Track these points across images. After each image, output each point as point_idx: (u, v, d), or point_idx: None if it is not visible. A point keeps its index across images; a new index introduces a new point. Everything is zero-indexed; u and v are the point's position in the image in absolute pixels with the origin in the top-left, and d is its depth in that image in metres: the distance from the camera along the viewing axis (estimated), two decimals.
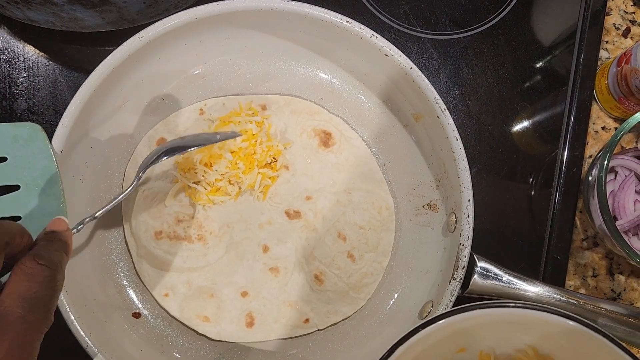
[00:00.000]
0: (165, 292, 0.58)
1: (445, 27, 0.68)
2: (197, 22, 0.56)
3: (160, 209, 0.58)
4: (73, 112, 0.52)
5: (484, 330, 0.48)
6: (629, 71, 0.61)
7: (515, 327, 0.47)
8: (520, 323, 0.47)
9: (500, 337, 0.49)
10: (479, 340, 0.49)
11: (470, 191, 0.54)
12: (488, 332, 0.48)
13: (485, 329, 0.48)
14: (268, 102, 0.62)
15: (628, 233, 0.62)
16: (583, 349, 0.46)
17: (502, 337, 0.49)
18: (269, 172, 0.59)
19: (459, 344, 0.49)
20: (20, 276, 0.36)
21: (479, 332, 0.48)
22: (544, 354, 0.49)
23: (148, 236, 0.57)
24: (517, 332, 0.48)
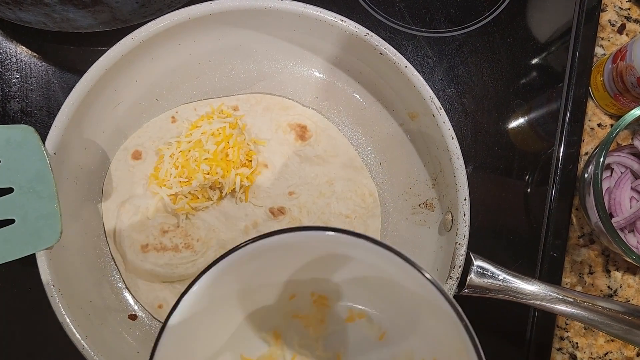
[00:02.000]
0: (159, 304, 0.57)
1: (441, 24, 0.68)
2: (190, 21, 0.55)
3: (144, 222, 0.58)
4: (66, 114, 0.52)
5: (305, 268, 0.47)
6: (624, 68, 0.61)
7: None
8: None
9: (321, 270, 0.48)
10: (303, 282, 0.48)
11: (467, 190, 0.54)
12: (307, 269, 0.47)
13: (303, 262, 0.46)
14: (239, 102, 0.62)
15: (624, 230, 0.62)
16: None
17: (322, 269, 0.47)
18: (246, 172, 0.59)
19: (290, 290, 0.49)
20: None
21: (300, 271, 0.47)
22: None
23: (134, 250, 0.57)
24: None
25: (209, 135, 0.58)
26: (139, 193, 0.59)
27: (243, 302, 0.47)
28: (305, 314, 0.50)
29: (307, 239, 0.42)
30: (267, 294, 0.48)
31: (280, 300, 0.49)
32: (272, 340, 0.50)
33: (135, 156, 0.60)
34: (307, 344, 0.51)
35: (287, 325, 0.50)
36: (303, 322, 0.50)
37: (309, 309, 0.50)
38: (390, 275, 0.44)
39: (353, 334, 0.50)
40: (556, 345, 0.64)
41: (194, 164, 0.57)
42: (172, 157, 0.58)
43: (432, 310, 0.43)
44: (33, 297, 0.57)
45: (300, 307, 0.50)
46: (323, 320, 0.50)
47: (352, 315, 0.50)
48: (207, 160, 0.57)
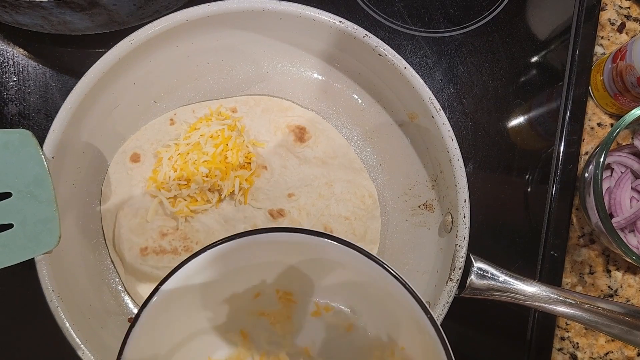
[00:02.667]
0: None
1: (440, 24, 0.67)
2: (188, 23, 0.55)
3: (143, 225, 0.57)
4: (64, 117, 0.52)
5: (266, 267, 0.48)
6: (624, 67, 0.61)
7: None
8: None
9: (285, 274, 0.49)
10: (268, 280, 0.49)
11: (466, 191, 0.54)
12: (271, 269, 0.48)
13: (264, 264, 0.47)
14: (238, 104, 0.61)
15: (624, 230, 0.62)
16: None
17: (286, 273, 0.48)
18: (245, 174, 0.58)
19: (254, 289, 0.49)
20: None
21: (262, 271, 0.48)
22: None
23: (133, 254, 0.57)
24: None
25: (207, 137, 0.58)
26: (137, 196, 0.58)
27: (208, 301, 0.47)
28: (271, 311, 0.50)
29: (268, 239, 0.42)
30: (232, 293, 0.48)
31: (244, 299, 0.49)
32: (240, 340, 0.50)
33: (133, 159, 0.59)
34: (275, 341, 0.51)
35: (253, 324, 0.50)
36: (269, 319, 0.50)
37: (275, 306, 0.50)
38: (354, 270, 0.45)
39: (320, 327, 0.50)
40: (557, 346, 0.64)
41: (193, 166, 0.57)
42: (170, 159, 0.58)
43: (396, 300, 0.43)
44: (32, 301, 0.57)
45: (266, 304, 0.50)
46: (289, 316, 0.50)
47: (319, 309, 0.50)
48: (205, 162, 0.57)
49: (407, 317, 0.42)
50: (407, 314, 0.42)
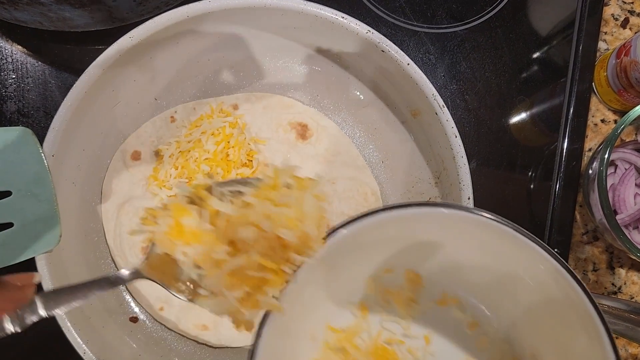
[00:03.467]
0: (160, 306, 0.57)
1: (442, 20, 0.67)
2: (188, 20, 0.54)
3: None
4: (64, 115, 0.51)
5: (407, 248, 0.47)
6: (628, 63, 0.60)
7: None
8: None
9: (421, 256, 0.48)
10: (404, 258, 0.48)
11: (470, 189, 0.54)
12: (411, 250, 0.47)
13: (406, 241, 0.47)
14: (239, 101, 0.61)
15: (628, 227, 0.61)
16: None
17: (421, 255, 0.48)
18: (247, 172, 0.58)
19: (386, 264, 0.49)
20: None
21: (403, 251, 0.47)
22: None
23: (134, 252, 0.56)
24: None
25: (208, 134, 0.58)
26: (138, 194, 0.58)
27: (338, 271, 0.46)
28: (396, 290, 0.50)
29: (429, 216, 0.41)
30: (364, 264, 0.48)
31: (374, 273, 0.48)
32: (359, 312, 0.50)
33: (134, 157, 0.59)
34: (394, 320, 0.50)
35: (375, 299, 0.50)
36: (393, 298, 0.50)
37: (401, 285, 0.50)
38: (510, 265, 0.44)
39: (444, 318, 0.50)
40: None
41: (194, 164, 0.57)
42: (171, 157, 0.57)
43: (558, 311, 0.42)
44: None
45: (393, 282, 0.49)
46: (414, 299, 0.50)
47: (446, 300, 0.50)
48: (207, 160, 0.57)
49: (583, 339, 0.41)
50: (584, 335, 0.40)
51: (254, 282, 0.37)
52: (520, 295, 0.46)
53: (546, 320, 0.45)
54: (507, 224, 0.41)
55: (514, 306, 0.47)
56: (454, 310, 0.50)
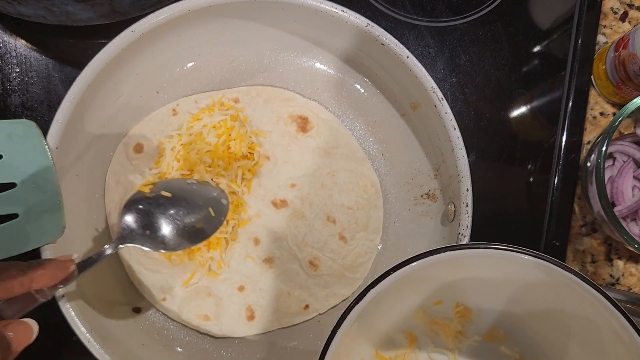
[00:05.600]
0: (163, 297, 0.57)
1: (442, 14, 0.67)
2: (190, 14, 0.55)
3: None
4: (67, 108, 0.52)
5: (460, 282, 0.48)
6: (626, 56, 0.61)
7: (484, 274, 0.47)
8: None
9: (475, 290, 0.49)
10: (454, 292, 0.49)
11: (469, 180, 0.54)
12: (464, 285, 0.48)
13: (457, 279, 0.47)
14: (240, 94, 0.62)
15: (626, 219, 0.62)
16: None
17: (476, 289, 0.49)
18: (248, 164, 0.59)
19: (437, 296, 0.49)
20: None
21: (456, 283, 0.48)
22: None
23: None
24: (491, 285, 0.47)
25: (210, 127, 0.58)
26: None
27: (392, 300, 0.47)
28: (445, 321, 0.51)
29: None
30: (415, 295, 0.49)
31: (424, 303, 0.49)
32: (407, 341, 0.51)
33: (137, 149, 0.59)
34: (441, 352, 0.51)
35: (423, 329, 0.51)
36: (441, 329, 0.51)
37: (450, 317, 0.51)
38: (552, 296, 0.44)
39: (490, 353, 0.51)
40: None
41: (196, 156, 0.57)
42: (173, 149, 0.58)
43: (599, 341, 0.42)
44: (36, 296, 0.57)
45: (442, 313, 0.50)
46: (462, 332, 0.51)
47: (493, 334, 0.51)
48: (208, 152, 0.57)
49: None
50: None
51: None
52: (564, 327, 0.47)
53: (590, 353, 0.45)
54: (551, 261, 0.41)
55: (559, 340, 0.48)
56: (501, 346, 0.51)
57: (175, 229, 0.52)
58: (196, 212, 0.54)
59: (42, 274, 0.42)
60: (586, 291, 0.40)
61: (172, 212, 0.52)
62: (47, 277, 0.43)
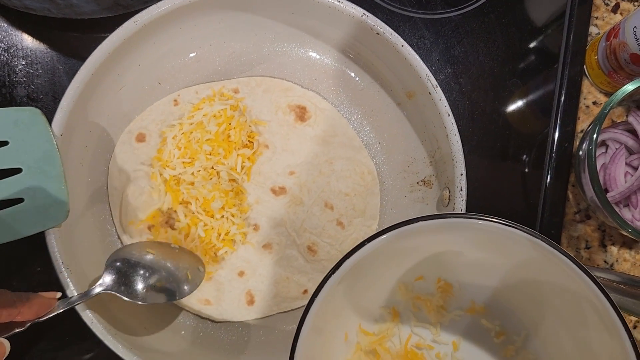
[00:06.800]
0: None
1: (437, 6, 0.69)
2: (191, 5, 0.57)
3: (149, 203, 0.59)
4: (71, 96, 0.53)
5: (437, 256, 0.49)
6: (617, 45, 0.62)
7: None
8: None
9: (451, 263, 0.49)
10: (433, 267, 0.50)
11: (463, 165, 0.55)
12: (440, 258, 0.49)
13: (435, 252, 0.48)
14: (240, 85, 0.63)
15: (619, 204, 0.63)
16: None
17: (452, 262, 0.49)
18: (247, 152, 0.60)
19: (417, 271, 0.50)
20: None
21: (438, 257, 0.49)
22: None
23: (140, 230, 0.59)
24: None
25: (210, 116, 0.60)
26: (143, 174, 0.60)
27: (372, 275, 0.48)
28: (427, 297, 0.52)
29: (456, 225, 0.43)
30: (396, 270, 0.50)
31: (405, 280, 0.51)
32: (390, 317, 0.52)
33: (139, 139, 0.61)
34: (424, 327, 0.53)
35: (406, 304, 0.52)
36: (424, 304, 0.52)
37: (432, 293, 0.52)
38: (533, 269, 0.45)
39: (472, 326, 0.52)
40: None
41: (197, 145, 0.59)
42: (174, 138, 0.59)
43: (576, 313, 0.43)
44: (42, 278, 0.59)
45: (424, 289, 0.52)
46: (444, 306, 0.52)
47: (474, 308, 0.52)
48: (209, 141, 0.59)
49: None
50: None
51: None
52: (544, 300, 0.48)
53: (569, 325, 0.47)
54: (523, 230, 0.41)
55: (538, 312, 0.49)
56: (482, 319, 0.52)
57: (148, 287, 0.54)
58: (172, 273, 0.55)
59: (29, 308, 0.45)
60: (566, 265, 0.41)
61: (147, 272, 0.54)
62: (32, 312, 0.45)
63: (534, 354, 0.50)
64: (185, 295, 0.55)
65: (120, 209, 0.60)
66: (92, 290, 0.51)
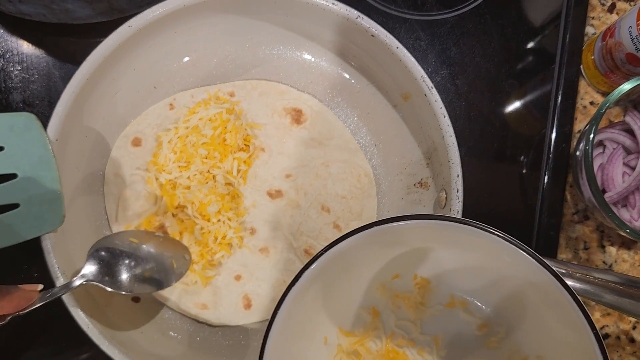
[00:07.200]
0: None
1: (432, 7, 0.69)
2: (185, 9, 0.57)
3: (145, 207, 0.59)
4: (66, 101, 0.53)
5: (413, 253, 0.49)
6: (613, 45, 0.62)
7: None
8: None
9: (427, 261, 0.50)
10: (408, 264, 0.50)
11: (459, 167, 0.55)
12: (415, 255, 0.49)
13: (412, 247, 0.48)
14: (235, 88, 0.63)
15: (617, 205, 0.63)
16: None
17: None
18: (243, 156, 0.60)
19: (394, 270, 0.50)
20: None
21: (413, 256, 0.49)
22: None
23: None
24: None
25: (206, 120, 0.60)
26: (139, 179, 0.60)
27: (348, 275, 0.48)
28: (405, 294, 0.52)
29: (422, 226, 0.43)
30: (371, 269, 0.50)
31: (382, 278, 0.50)
32: (370, 317, 0.52)
33: (135, 143, 0.61)
34: (404, 325, 0.52)
35: (385, 303, 0.52)
36: (403, 302, 0.52)
37: (410, 290, 0.52)
38: (502, 265, 0.45)
39: (453, 320, 0.52)
40: None
41: (192, 148, 0.59)
42: (170, 142, 0.59)
43: (550, 307, 0.43)
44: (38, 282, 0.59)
45: (402, 287, 0.51)
46: (423, 302, 0.52)
47: (453, 302, 0.52)
48: (204, 144, 0.59)
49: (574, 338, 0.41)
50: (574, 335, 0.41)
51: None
52: (522, 296, 0.47)
53: (543, 318, 0.46)
54: (485, 230, 0.41)
55: (519, 306, 0.49)
56: (462, 313, 0.52)
57: (133, 276, 0.53)
58: (157, 262, 0.55)
59: (9, 301, 0.44)
60: (530, 262, 0.41)
61: (132, 262, 0.54)
62: (12, 306, 0.45)
63: (517, 344, 0.50)
64: (170, 284, 0.54)
65: (117, 213, 0.60)
66: (73, 282, 0.50)
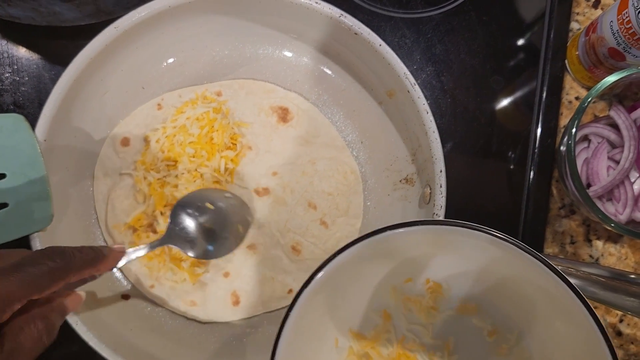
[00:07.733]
0: (151, 284, 0.59)
1: (417, 5, 0.69)
2: (171, 9, 0.57)
3: (134, 206, 0.60)
4: (54, 102, 0.54)
5: (429, 257, 0.49)
6: (596, 40, 0.62)
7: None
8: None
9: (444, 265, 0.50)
10: (421, 268, 0.50)
11: (442, 162, 0.56)
12: (434, 259, 0.49)
13: (426, 254, 0.48)
14: (222, 87, 0.64)
15: (602, 198, 0.63)
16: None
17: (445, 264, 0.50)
18: (230, 154, 0.61)
19: (406, 273, 0.51)
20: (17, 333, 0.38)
21: (423, 259, 0.49)
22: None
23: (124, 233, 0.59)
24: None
25: (193, 119, 0.60)
26: (128, 178, 0.61)
27: (360, 278, 0.48)
28: (417, 298, 0.52)
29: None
30: (384, 272, 0.50)
31: (394, 281, 0.51)
32: (381, 319, 0.52)
33: (123, 143, 0.62)
34: (416, 328, 0.53)
35: (397, 306, 0.52)
36: (415, 305, 0.52)
37: (422, 294, 0.52)
38: (511, 269, 0.45)
39: (463, 325, 0.52)
40: None
41: (180, 147, 0.59)
42: (158, 142, 0.60)
43: (558, 310, 0.43)
44: None
45: (414, 291, 0.52)
46: (435, 307, 0.52)
47: (464, 308, 0.52)
48: (192, 143, 0.60)
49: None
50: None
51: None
52: (530, 299, 0.47)
53: (551, 323, 0.47)
54: (495, 235, 0.42)
55: (528, 310, 0.49)
56: (474, 318, 0.52)
57: (209, 241, 0.57)
58: (229, 227, 0.58)
59: (105, 263, 0.48)
60: (527, 259, 0.41)
61: (210, 225, 0.57)
62: (107, 266, 0.48)
63: (528, 351, 0.50)
64: (232, 251, 0.59)
65: (106, 212, 0.60)
66: (156, 243, 0.54)
